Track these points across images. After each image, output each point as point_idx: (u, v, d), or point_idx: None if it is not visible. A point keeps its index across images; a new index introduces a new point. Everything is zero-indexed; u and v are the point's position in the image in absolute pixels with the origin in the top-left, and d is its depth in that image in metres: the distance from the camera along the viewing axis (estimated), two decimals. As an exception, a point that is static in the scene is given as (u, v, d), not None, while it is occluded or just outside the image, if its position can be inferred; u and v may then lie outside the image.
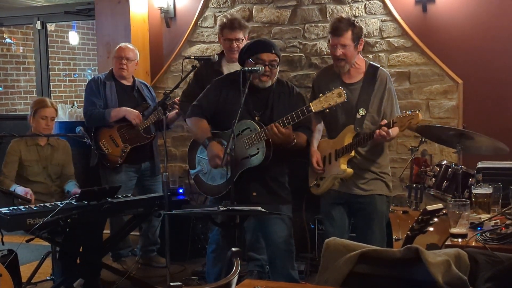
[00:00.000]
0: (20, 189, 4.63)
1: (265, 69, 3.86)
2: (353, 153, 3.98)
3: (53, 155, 5.02)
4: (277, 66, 3.95)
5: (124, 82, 5.38)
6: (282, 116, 3.82)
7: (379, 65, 4.15)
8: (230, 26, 4.78)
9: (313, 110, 3.77)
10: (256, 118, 3.93)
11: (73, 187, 4.84)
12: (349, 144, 3.95)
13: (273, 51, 3.89)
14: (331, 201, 4.12)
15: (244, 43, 4.74)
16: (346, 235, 4.13)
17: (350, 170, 3.99)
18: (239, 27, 4.78)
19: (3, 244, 4.09)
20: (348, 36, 3.93)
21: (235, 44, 4.77)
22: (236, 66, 4.87)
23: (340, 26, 3.95)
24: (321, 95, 3.77)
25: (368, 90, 3.99)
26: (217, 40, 5.19)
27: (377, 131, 3.82)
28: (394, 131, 3.89)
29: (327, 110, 3.79)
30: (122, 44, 5.46)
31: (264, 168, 3.90)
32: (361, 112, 3.96)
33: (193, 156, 4.20)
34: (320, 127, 4.25)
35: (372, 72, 4.04)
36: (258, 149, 3.84)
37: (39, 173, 4.96)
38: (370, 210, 4.03)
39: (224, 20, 4.88)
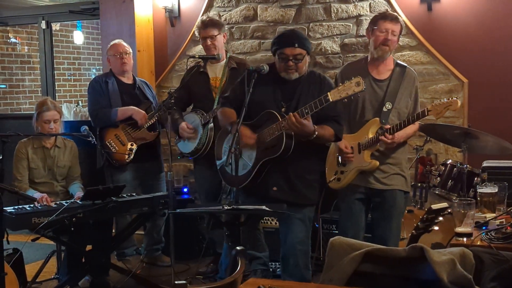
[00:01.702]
0: (37, 195, 4.61)
1: (288, 64, 3.82)
2: (378, 146, 3.97)
3: (60, 157, 5.01)
4: (305, 58, 3.85)
5: (125, 80, 5.38)
6: None
7: (406, 64, 4.18)
8: (202, 26, 5.00)
9: (331, 100, 3.69)
10: (283, 109, 3.86)
11: (77, 190, 4.83)
12: (374, 137, 3.95)
13: (296, 46, 3.82)
14: (351, 196, 4.11)
15: (220, 40, 4.98)
16: (362, 232, 4.13)
17: (375, 162, 3.98)
18: (211, 24, 4.97)
19: (8, 243, 4.09)
20: (399, 26, 4.05)
21: (208, 41, 4.96)
22: (219, 67, 5.00)
23: (395, 15, 4.08)
24: (340, 84, 3.74)
25: (396, 86, 4.03)
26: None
27: (385, 135, 3.86)
28: (404, 132, 3.94)
29: (345, 100, 3.77)
30: (115, 41, 5.46)
31: (289, 162, 3.83)
32: (388, 105, 3.99)
33: (220, 147, 4.15)
34: None
35: (400, 69, 4.08)
36: (278, 140, 3.78)
37: (45, 175, 4.96)
38: (389, 205, 4.04)
39: (198, 23, 5.07)
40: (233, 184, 4.06)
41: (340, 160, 4.09)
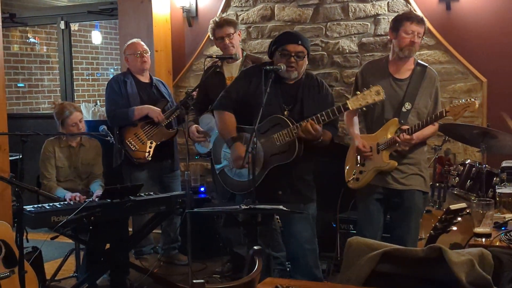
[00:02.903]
0: (68, 195, 4.64)
1: (290, 60, 3.84)
2: (396, 146, 3.94)
3: (84, 155, 5.04)
4: (305, 58, 3.90)
5: (143, 79, 5.40)
6: (312, 111, 3.80)
7: (427, 64, 4.15)
8: (217, 25, 4.97)
9: (350, 108, 3.72)
10: (286, 112, 3.88)
11: (97, 188, 4.85)
12: (392, 137, 3.93)
13: (299, 43, 3.85)
14: (369, 196, 4.10)
15: (236, 38, 4.94)
16: (380, 232, 4.12)
17: (394, 162, 3.96)
18: (226, 23, 4.95)
19: (27, 241, 4.13)
20: (423, 28, 4.02)
21: (226, 40, 4.93)
22: (235, 66, 4.98)
23: (421, 17, 4.04)
24: (358, 92, 3.74)
25: (416, 85, 4.00)
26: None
27: (400, 135, 3.84)
28: (421, 133, 3.92)
29: (364, 108, 3.77)
30: (133, 41, 5.47)
31: (292, 166, 3.86)
32: (407, 106, 3.97)
33: (218, 151, 4.17)
34: (356, 119, 4.22)
35: (420, 69, 4.05)
36: (289, 145, 3.79)
37: (70, 173, 4.99)
38: (408, 206, 4.02)
39: (212, 24, 5.03)
40: (235, 189, 4.09)
41: (359, 160, 4.08)
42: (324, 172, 4.36)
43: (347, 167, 4.17)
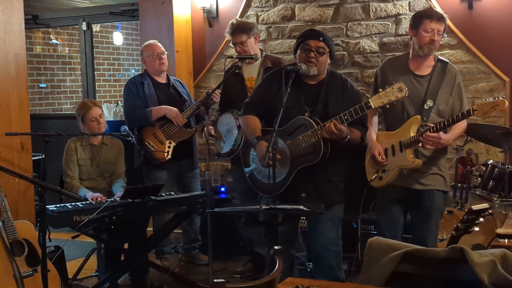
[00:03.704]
0: (90, 195, 4.67)
1: (310, 55, 3.83)
2: (419, 145, 3.89)
3: (107, 154, 5.07)
4: (325, 55, 3.87)
5: (160, 80, 5.43)
6: (336, 111, 3.77)
7: (448, 60, 4.11)
8: (230, 31, 4.99)
9: (373, 106, 3.68)
10: (306, 114, 3.87)
11: (118, 190, 4.87)
12: (415, 135, 3.88)
13: (321, 39, 3.85)
14: (389, 196, 4.08)
15: (250, 44, 4.92)
16: (400, 232, 4.10)
17: (419, 161, 3.91)
18: (238, 30, 4.94)
19: (50, 240, 4.17)
20: (444, 26, 3.97)
21: (238, 48, 4.95)
22: (255, 67, 4.98)
23: (441, 14, 3.99)
24: (381, 90, 3.71)
25: (437, 82, 3.96)
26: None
27: (424, 134, 3.80)
28: (453, 133, 3.91)
29: (388, 106, 3.74)
30: (151, 42, 5.49)
31: (317, 167, 3.83)
32: (429, 103, 3.93)
33: (247, 154, 4.16)
34: (376, 119, 4.19)
35: (441, 66, 4.01)
36: (314, 146, 3.76)
37: (92, 171, 5.03)
38: (428, 206, 3.99)
39: (227, 28, 5.04)
40: (265, 191, 4.06)
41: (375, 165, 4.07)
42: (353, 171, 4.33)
43: (368, 167, 4.15)
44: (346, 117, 3.69)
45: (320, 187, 3.92)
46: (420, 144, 3.88)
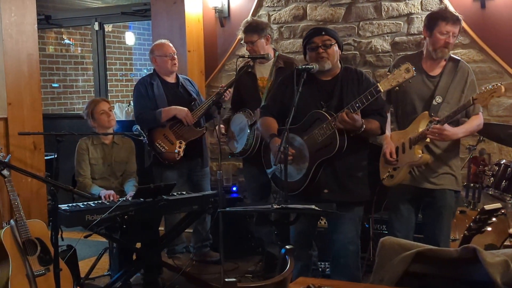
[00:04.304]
0: (103, 192, 4.69)
1: (319, 51, 3.82)
2: (428, 139, 3.87)
3: (118, 153, 5.08)
4: (333, 47, 3.84)
5: (169, 79, 5.42)
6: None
7: (460, 58, 4.10)
8: (243, 30, 5.03)
9: (382, 90, 3.65)
10: (323, 109, 3.83)
11: (130, 189, 4.89)
12: (423, 130, 3.87)
13: (323, 33, 3.85)
14: (401, 196, 4.07)
15: (260, 44, 4.95)
16: (411, 232, 4.09)
17: (426, 156, 3.90)
18: (250, 30, 4.98)
19: (62, 239, 4.19)
20: (459, 28, 3.96)
21: (248, 47, 5.00)
22: (267, 66, 4.99)
23: (457, 16, 3.96)
24: (388, 73, 3.70)
25: (447, 79, 3.95)
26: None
27: (431, 127, 3.79)
28: (464, 127, 3.90)
29: (397, 88, 3.72)
30: (162, 42, 5.48)
31: (337, 161, 3.80)
32: (438, 99, 3.92)
33: (268, 156, 4.12)
34: (389, 118, 4.17)
35: (452, 64, 4.00)
36: (331, 138, 3.73)
37: (104, 171, 5.04)
38: (440, 205, 3.98)
39: (240, 27, 5.07)
40: (289, 189, 4.03)
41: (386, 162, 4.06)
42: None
43: (381, 165, 4.15)
44: (357, 105, 3.66)
45: (342, 182, 3.89)
46: (428, 140, 3.87)
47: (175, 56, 5.38)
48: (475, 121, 3.97)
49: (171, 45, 5.44)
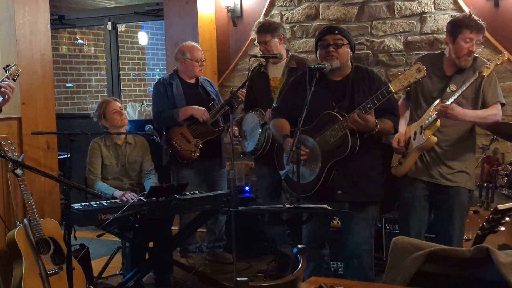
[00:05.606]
0: (117, 193, 4.69)
1: (329, 50, 3.81)
2: (438, 123, 3.86)
3: (131, 153, 5.09)
4: (344, 47, 3.83)
5: (188, 80, 5.44)
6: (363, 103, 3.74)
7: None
8: (256, 31, 5.07)
9: (393, 90, 3.64)
10: (335, 110, 3.82)
11: (150, 186, 4.89)
12: (433, 116, 3.87)
13: (336, 32, 3.84)
14: (415, 192, 4.06)
15: (273, 44, 4.99)
16: (424, 230, 4.09)
17: (433, 138, 3.87)
18: (263, 30, 5.02)
19: (75, 239, 4.21)
20: (482, 35, 3.95)
21: (262, 47, 5.04)
22: (280, 67, 4.98)
23: (481, 25, 3.94)
24: (400, 73, 3.69)
25: (463, 73, 3.97)
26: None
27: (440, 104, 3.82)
28: (474, 112, 3.92)
29: (408, 88, 3.72)
30: (196, 46, 5.46)
31: (352, 163, 3.80)
32: (452, 87, 3.93)
33: (281, 157, 4.12)
34: (407, 114, 4.18)
35: (472, 62, 4.00)
36: (343, 139, 3.72)
37: (118, 171, 5.05)
38: (453, 203, 3.98)
39: (254, 27, 5.11)
40: (301, 191, 4.02)
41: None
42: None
43: (393, 157, 4.18)
44: (369, 106, 3.65)
45: (355, 182, 3.87)
46: (438, 124, 3.86)
47: (204, 63, 5.40)
48: (490, 110, 3.97)
49: (201, 49, 5.45)
